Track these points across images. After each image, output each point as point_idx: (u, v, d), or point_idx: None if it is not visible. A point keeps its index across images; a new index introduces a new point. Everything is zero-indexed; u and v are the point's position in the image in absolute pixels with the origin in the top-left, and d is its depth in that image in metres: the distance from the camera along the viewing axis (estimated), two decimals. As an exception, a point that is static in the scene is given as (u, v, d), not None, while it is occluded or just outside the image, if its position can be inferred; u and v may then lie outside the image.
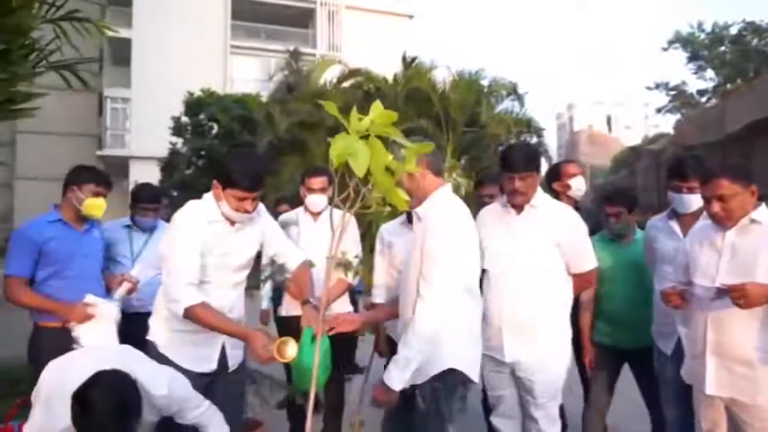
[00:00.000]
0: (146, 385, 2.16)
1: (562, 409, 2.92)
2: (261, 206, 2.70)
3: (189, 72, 23.86)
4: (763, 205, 2.35)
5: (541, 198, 2.79)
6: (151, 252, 3.53)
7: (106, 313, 2.91)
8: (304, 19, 30.69)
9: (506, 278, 2.74)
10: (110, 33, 5.32)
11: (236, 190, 2.47)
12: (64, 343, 2.80)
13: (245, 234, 2.66)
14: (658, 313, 3.15)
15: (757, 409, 2.24)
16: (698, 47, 31.12)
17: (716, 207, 2.30)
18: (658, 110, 35.67)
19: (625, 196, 3.48)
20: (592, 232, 3.07)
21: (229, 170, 2.48)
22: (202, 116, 18.13)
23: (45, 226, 3.14)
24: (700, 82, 32.64)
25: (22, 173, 27.67)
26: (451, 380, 2.39)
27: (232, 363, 2.75)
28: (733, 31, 30.15)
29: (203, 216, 2.53)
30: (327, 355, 2.48)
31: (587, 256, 2.81)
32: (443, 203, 2.46)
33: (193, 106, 18.39)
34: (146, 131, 24.37)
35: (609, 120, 64.87)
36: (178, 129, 18.47)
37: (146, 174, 16.55)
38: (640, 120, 77.16)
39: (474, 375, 2.45)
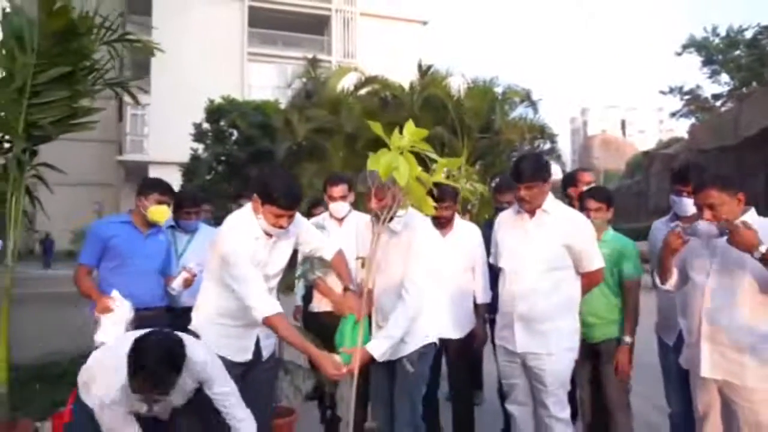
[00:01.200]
0: (188, 348, 2.44)
1: (572, 395, 3.17)
2: (296, 215, 2.89)
3: (206, 79, 24.21)
4: (752, 209, 2.62)
5: (552, 203, 3.07)
6: (194, 251, 3.86)
7: (120, 311, 3.21)
8: (319, 26, 31.06)
9: (520, 275, 3.03)
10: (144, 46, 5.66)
11: (275, 207, 2.64)
12: None
13: (280, 246, 2.89)
14: (661, 308, 3.43)
15: (746, 391, 2.50)
16: (713, 51, 30.95)
17: (707, 214, 2.56)
18: (672, 114, 35.51)
19: (606, 192, 3.61)
20: None
21: (270, 188, 2.63)
22: (222, 123, 18.43)
23: (113, 225, 3.57)
24: (714, 86, 32.41)
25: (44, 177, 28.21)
26: (430, 349, 3.00)
27: (265, 353, 2.98)
28: (749, 34, 29.97)
29: (250, 232, 2.75)
30: (366, 335, 2.80)
31: (594, 256, 3.06)
32: (413, 217, 2.87)
33: (214, 112, 18.68)
34: (164, 137, 24.79)
35: (623, 124, 64.52)
36: (199, 135, 18.78)
37: (165, 178, 16.77)
38: (654, 124, 76.60)
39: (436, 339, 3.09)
